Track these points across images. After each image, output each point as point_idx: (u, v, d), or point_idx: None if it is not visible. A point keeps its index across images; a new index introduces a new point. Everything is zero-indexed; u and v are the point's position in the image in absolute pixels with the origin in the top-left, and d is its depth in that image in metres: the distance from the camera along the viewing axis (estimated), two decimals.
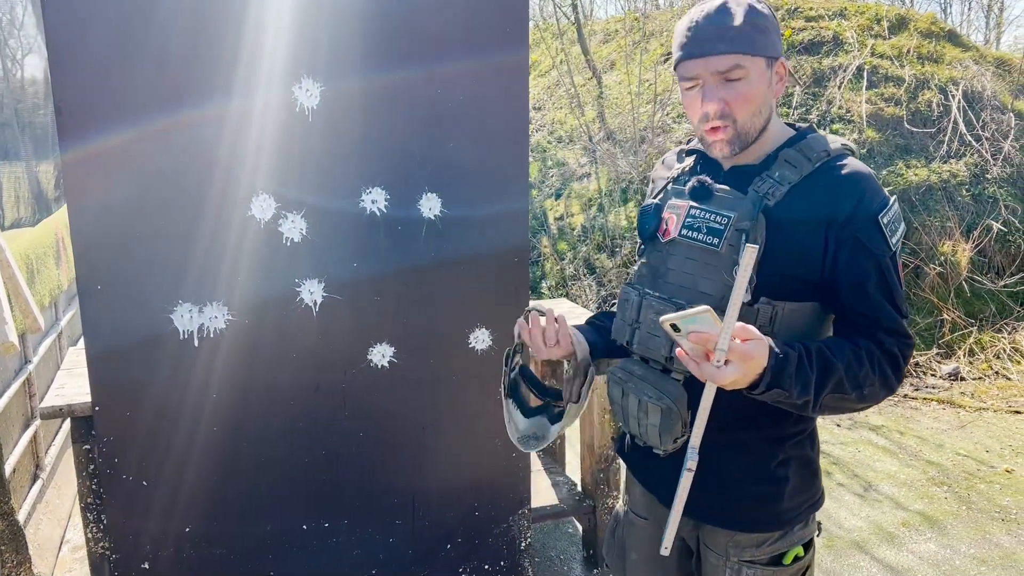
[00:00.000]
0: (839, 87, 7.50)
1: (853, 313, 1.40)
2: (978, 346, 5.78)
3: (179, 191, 2.21)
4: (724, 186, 1.47)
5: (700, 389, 1.40)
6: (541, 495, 3.24)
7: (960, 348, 5.75)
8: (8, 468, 2.87)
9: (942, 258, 6.22)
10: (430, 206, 2.44)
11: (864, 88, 7.46)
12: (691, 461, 1.36)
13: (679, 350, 1.28)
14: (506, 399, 1.71)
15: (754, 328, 1.26)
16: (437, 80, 2.38)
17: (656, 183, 1.70)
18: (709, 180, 1.49)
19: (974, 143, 7.09)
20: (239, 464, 2.41)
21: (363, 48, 2.30)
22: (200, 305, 2.27)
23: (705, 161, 1.56)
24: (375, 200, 2.38)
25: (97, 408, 2.26)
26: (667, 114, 8.08)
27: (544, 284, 6.88)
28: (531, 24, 11.19)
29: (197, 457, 2.37)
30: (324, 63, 2.26)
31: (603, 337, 1.70)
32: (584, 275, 6.81)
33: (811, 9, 8.69)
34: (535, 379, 1.71)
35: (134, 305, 2.22)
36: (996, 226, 6.45)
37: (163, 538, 2.40)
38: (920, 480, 4.00)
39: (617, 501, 3.14)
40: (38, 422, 3.33)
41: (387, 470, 2.57)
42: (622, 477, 2.68)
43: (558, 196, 7.91)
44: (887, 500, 3.79)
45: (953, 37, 8.61)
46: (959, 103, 7.35)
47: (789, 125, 1.52)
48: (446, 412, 2.59)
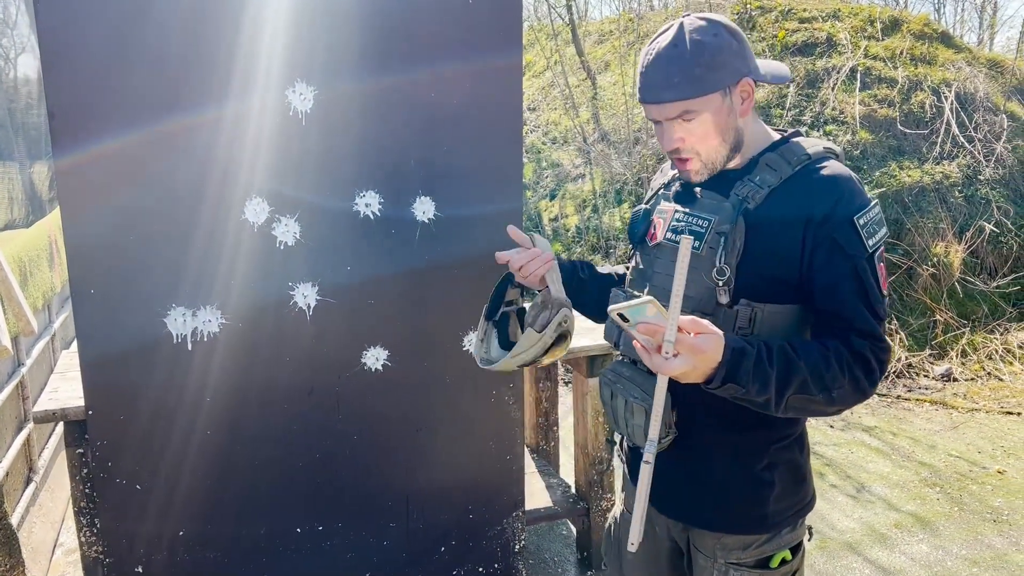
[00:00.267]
0: (832, 88, 7.52)
1: (827, 314, 1.40)
2: (970, 347, 5.80)
3: (172, 195, 2.21)
4: (707, 190, 1.50)
5: (684, 390, 1.42)
6: (535, 497, 3.25)
7: (953, 349, 5.77)
8: (1, 472, 2.87)
9: (935, 259, 6.25)
10: (424, 209, 2.44)
11: (857, 89, 7.49)
12: (648, 454, 1.37)
13: (635, 341, 1.29)
14: (487, 321, 1.71)
15: (707, 323, 1.28)
16: (430, 83, 2.38)
17: (652, 188, 1.73)
18: (692, 184, 1.52)
19: (967, 144, 7.12)
20: (233, 467, 2.41)
21: (356, 52, 2.30)
22: (194, 309, 2.27)
23: None
24: (369, 203, 2.39)
25: (90, 412, 2.26)
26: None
27: None
28: (525, 25, 11.19)
29: (191, 461, 2.37)
30: (317, 67, 2.27)
31: (576, 278, 1.73)
32: None
33: (805, 11, 8.71)
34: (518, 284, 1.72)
35: (127, 309, 2.22)
36: (988, 227, 6.48)
37: (157, 542, 2.40)
38: (913, 481, 4.02)
39: (610, 503, 3.14)
40: (31, 425, 3.32)
41: (381, 473, 2.57)
42: (617, 478, 2.69)
43: (552, 197, 7.92)
44: (880, 501, 3.81)
45: (946, 39, 8.64)
46: (952, 104, 7.38)
47: (779, 131, 1.54)
48: (440, 415, 2.60)
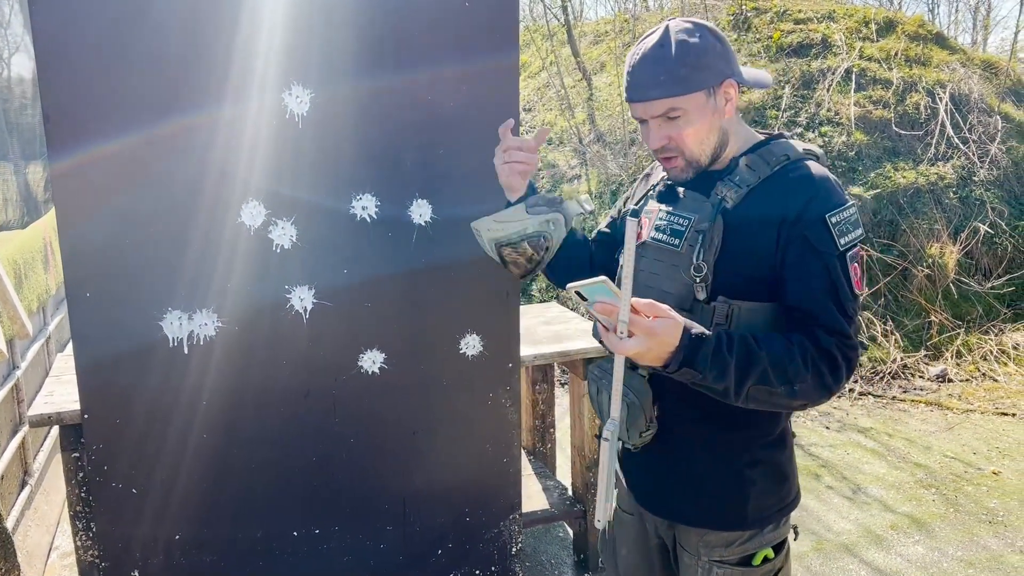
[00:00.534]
0: (828, 89, 7.53)
1: (796, 311, 1.42)
2: (965, 348, 5.82)
3: (169, 197, 2.20)
4: (690, 191, 1.54)
5: (667, 384, 1.47)
6: (532, 500, 3.25)
7: (948, 350, 5.79)
8: None
9: (930, 260, 6.26)
10: (420, 212, 2.44)
11: (852, 91, 7.50)
12: (607, 431, 1.41)
13: (599, 324, 1.32)
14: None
15: (665, 307, 1.31)
16: (427, 85, 2.38)
17: (636, 190, 1.77)
18: (676, 185, 1.57)
19: (961, 146, 7.14)
20: (229, 471, 2.41)
21: (352, 54, 2.30)
22: (190, 312, 2.27)
23: None
24: (365, 206, 2.38)
25: (86, 416, 2.25)
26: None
27: (535, 287, 6.88)
28: (521, 25, 11.15)
29: (187, 464, 2.37)
30: (314, 70, 2.26)
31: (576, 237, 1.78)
32: None
33: (800, 12, 8.73)
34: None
35: (123, 312, 2.21)
36: (983, 228, 6.50)
37: (153, 545, 2.39)
38: (908, 482, 4.02)
39: None
40: (26, 428, 3.31)
41: (378, 476, 2.56)
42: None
43: None
44: (875, 502, 3.81)
45: (940, 40, 8.66)
46: (946, 106, 7.40)
47: (763, 133, 1.57)
48: (437, 418, 2.59)
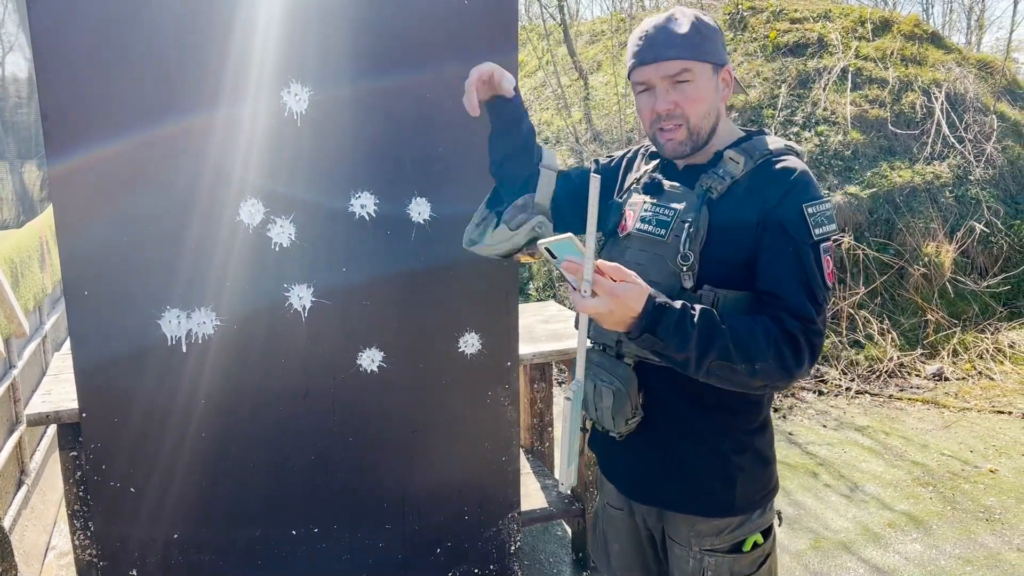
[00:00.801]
0: (824, 89, 7.54)
1: (765, 294, 1.45)
2: (961, 346, 5.83)
3: (167, 196, 2.19)
4: (674, 182, 1.58)
5: (651, 373, 1.54)
6: (530, 498, 3.25)
7: (944, 348, 5.80)
8: None
9: (926, 259, 6.27)
10: (419, 210, 2.44)
11: (849, 90, 7.51)
12: (570, 391, 1.45)
13: (569, 284, 1.35)
14: (487, 208, 1.77)
15: (633, 273, 1.34)
16: (426, 84, 2.38)
17: (628, 172, 1.77)
18: (660, 177, 1.61)
19: (957, 145, 7.16)
20: (228, 470, 2.40)
21: (351, 53, 2.29)
22: (188, 311, 2.26)
23: (664, 163, 1.66)
24: (364, 204, 2.38)
25: (84, 415, 2.24)
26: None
27: (532, 286, 6.88)
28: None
29: (185, 463, 2.36)
30: (313, 68, 2.26)
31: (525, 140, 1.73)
32: None
33: (796, 11, 8.74)
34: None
35: (121, 311, 2.21)
36: (979, 227, 6.52)
37: (151, 545, 2.39)
38: (905, 480, 4.03)
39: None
40: (23, 427, 3.30)
41: (377, 474, 2.56)
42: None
43: None
44: (873, 501, 3.82)
45: (936, 39, 8.68)
46: (942, 105, 7.42)
47: (744, 130, 1.62)
48: (435, 416, 2.59)
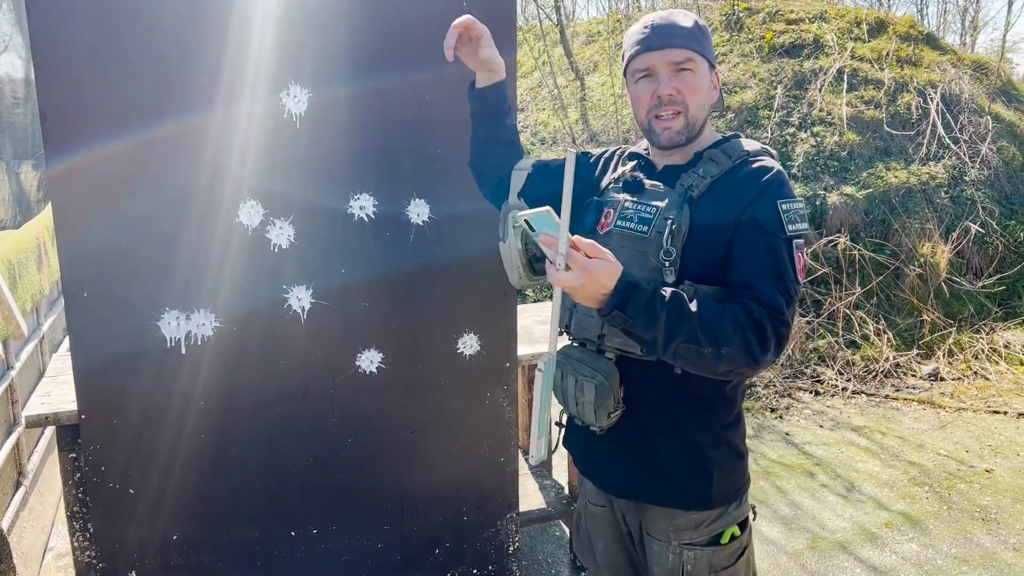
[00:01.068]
0: (820, 90, 7.56)
1: (736, 285, 1.48)
2: (957, 347, 5.85)
3: (166, 197, 2.19)
4: (655, 181, 1.62)
5: (632, 367, 1.58)
6: (529, 499, 3.25)
7: (940, 349, 5.82)
8: None
9: (922, 259, 6.29)
10: (418, 212, 2.44)
11: (844, 91, 7.53)
12: (542, 364, 1.49)
13: (547, 259, 1.38)
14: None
15: (606, 251, 1.38)
16: (424, 85, 2.38)
17: (604, 172, 1.81)
18: (641, 176, 1.65)
19: (952, 146, 7.18)
20: (227, 471, 2.40)
21: (350, 54, 2.30)
22: (187, 312, 2.26)
23: (643, 164, 1.70)
24: (363, 206, 2.38)
25: (83, 416, 2.24)
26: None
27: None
28: None
29: (184, 464, 2.36)
30: (311, 70, 2.26)
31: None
32: None
33: (792, 12, 8.76)
34: None
35: (121, 312, 2.21)
36: (974, 228, 6.54)
37: (150, 546, 2.39)
38: (902, 480, 4.04)
39: None
40: (21, 429, 3.29)
41: (376, 475, 2.56)
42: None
43: None
44: (870, 500, 3.83)
45: (931, 40, 8.70)
46: (937, 106, 7.44)
47: (720, 133, 1.67)
48: (434, 417, 2.60)
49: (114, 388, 2.24)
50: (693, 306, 1.40)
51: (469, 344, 2.57)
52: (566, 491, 3.36)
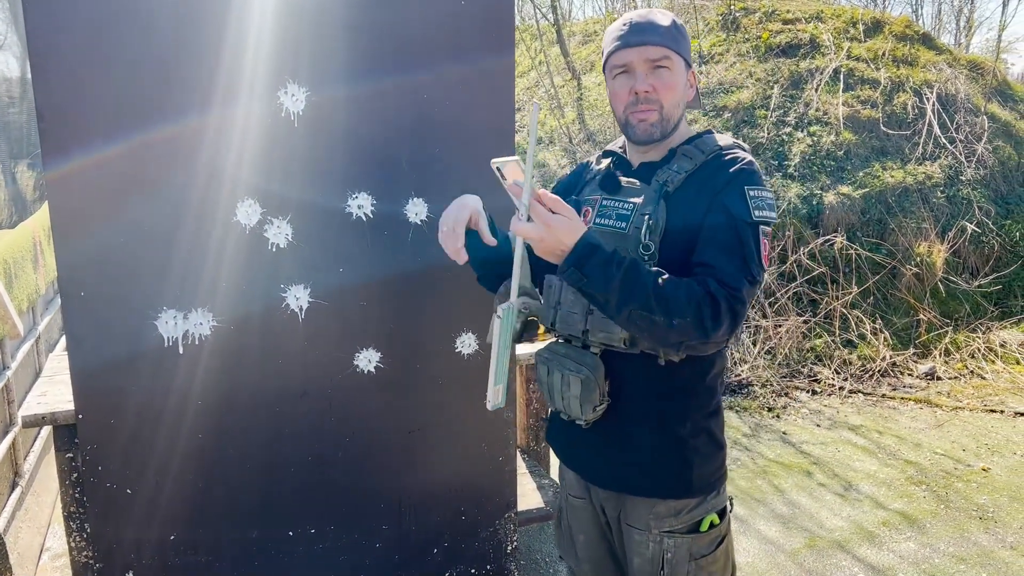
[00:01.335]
0: (816, 89, 7.57)
1: (698, 265, 1.51)
2: (953, 346, 5.86)
3: (163, 196, 2.19)
4: (630, 178, 1.67)
5: (616, 361, 1.62)
6: (527, 498, 3.25)
7: (936, 348, 5.83)
8: None
9: (918, 259, 6.30)
10: (416, 211, 2.44)
11: (841, 90, 7.54)
12: (500, 310, 1.55)
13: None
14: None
15: (570, 208, 1.43)
16: (423, 84, 2.38)
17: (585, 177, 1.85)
18: (619, 173, 1.70)
19: (948, 145, 7.19)
20: (224, 471, 2.40)
21: (349, 53, 2.29)
22: (185, 311, 2.25)
23: (618, 161, 1.75)
24: (361, 205, 2.38)
25: (80, 416, 2.23)
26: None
27: None
28: None
29: (182, 464, 2.35)
30: (310, 68, 2.25)
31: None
32: None
33: (788, 12, 8.77)
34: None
35: (118, 312, 2.20)
36: (970, 227, 6.55)
37: (147, 546, 2.38)
38: (899, 479, 4.05)
39: None
40: (17, 429, 3.28)
41: (374, 475, 2.56)
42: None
43: None
44: (867, 499, 3.84)
45: (927, 40, 8.72)
46: (933, 106, 7.45)
47: (694, 131, 1.71)
48: (433, 417, 2.59)
49: (111, 388, 2.24)
50: (650, 275, 1.44)
51: (467, 343, 2.57)
52: None
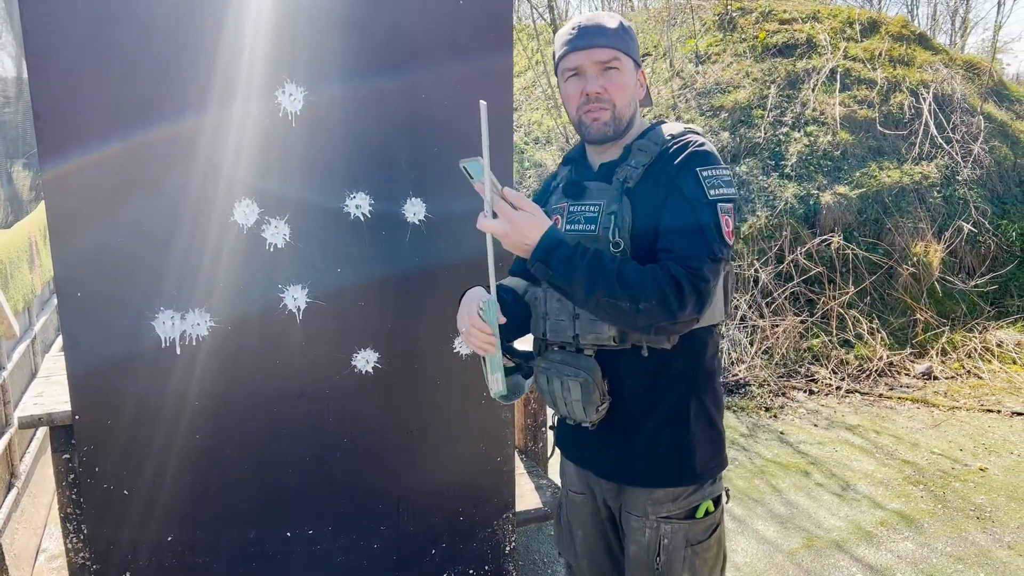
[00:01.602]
0: (813, 89, 7.57)
1: (660, 250, 1.55)
2: (950, 345, 5.87)
3: (161, 197, 2.18)
4: (593, 182, 1.70)
5: (611, 359, 1.64)
6: (525, 498, 3.24)
7: (933, 348, 5.84)
8: None
9: (915, 259, 6.31)
10: (414, 211, 2.43)
11: (837, 90, 7.55)
12: (481, 303, 1.58)
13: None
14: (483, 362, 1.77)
15: (534, 205, 1.48)
16: (421, 85, 2.37)
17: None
18: (579, 179, 1.73)
19: (945, 145, 7.20)
20: (222, 472, 2.39)
21: (347, 53, 2.28)
22: (182, 312, 2.25)
23: (578, 166, 1.79)
24: (359, 205, 2.37)
25: (77, 417, 2.22)
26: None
27: None
28: None
29: (179, 465, 2.35)
30: (307, 68, 2.25)
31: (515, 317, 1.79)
32: None
33: (785, 12, 8.77)
34: (508, 346, 1.81)
35: (115, 312, 2.19)
36: (967, 227, 6.56)
37: (144, 547, 2.37)
38: (896, 479, 4.05)
39: None
40: (13, 430, 3.27)
41: (372, 475, 2.55)
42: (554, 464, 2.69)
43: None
44: (865, 499, 3.84)
45: (923, 40, 8.73)
46: (930, 106, 7.46)
47: (649, 121, 1.76)
48: (431, 417, 2.59)
49: (108, 388, 2.23)
50: (613, 263, 1.48)
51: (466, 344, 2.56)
52: None
